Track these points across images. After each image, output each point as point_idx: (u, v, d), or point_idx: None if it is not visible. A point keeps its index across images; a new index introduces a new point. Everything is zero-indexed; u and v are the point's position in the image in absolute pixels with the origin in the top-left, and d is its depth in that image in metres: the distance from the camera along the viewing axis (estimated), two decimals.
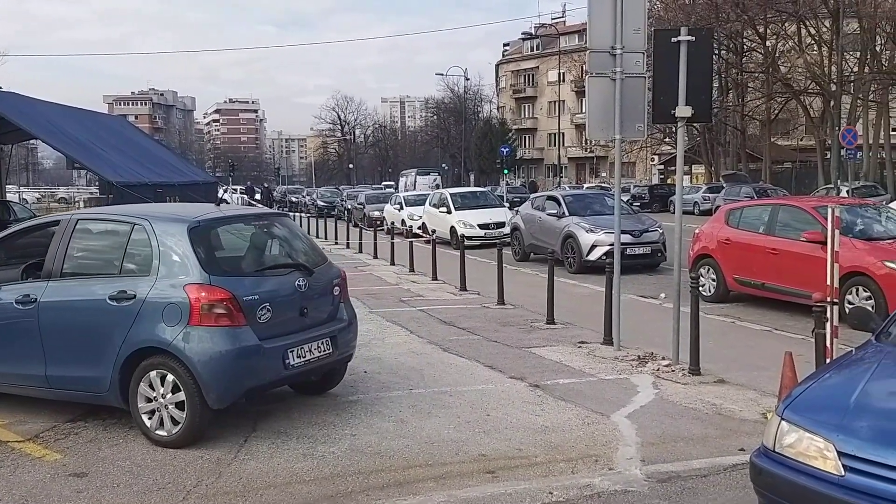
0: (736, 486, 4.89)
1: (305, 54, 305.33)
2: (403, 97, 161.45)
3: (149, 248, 5.88)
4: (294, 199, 54.04)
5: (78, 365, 5.97)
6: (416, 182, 44.69)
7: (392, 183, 60.61)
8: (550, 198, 18.79)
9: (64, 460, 5.51)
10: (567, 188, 52.06)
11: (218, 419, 5.97)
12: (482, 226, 21.97)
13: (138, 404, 5.79)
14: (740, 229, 11.83)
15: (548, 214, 17.56)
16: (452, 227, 22.09)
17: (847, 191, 29.81)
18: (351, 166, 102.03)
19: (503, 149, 51.82)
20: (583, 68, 59.75)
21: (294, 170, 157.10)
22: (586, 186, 54.34)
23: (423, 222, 24.01)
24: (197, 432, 5.71)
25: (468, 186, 49.42)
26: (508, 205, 27.96)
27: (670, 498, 4.77)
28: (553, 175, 75.07)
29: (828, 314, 6.06)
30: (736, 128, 46.52)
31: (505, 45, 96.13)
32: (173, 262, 5.78)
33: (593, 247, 15.74)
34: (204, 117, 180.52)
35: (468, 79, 78.19)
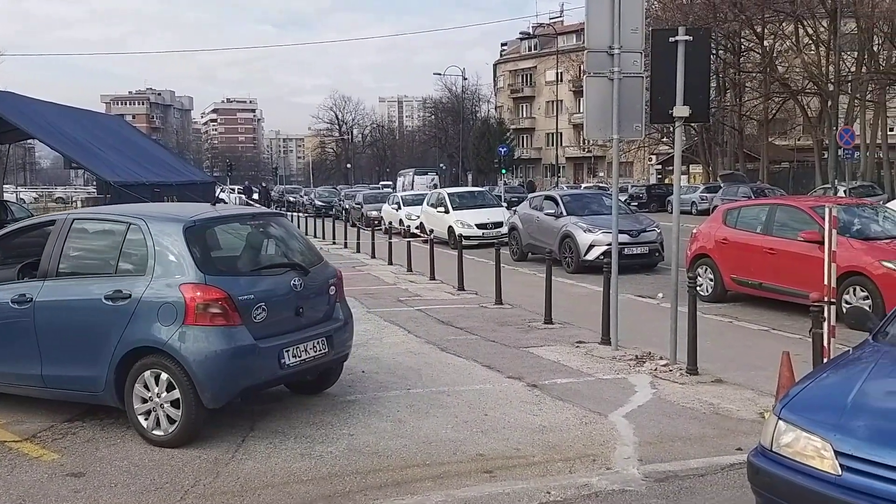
0: (733, 486, 4.90)
1: (303, 54, 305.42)
2: (401, 97, 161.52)
3: (144, 248, 5.88)
4: (292, 199, 54.08)
5: (73, 364, 5.97)
6: (414, 182, 44.75)
7: (390, 183, 60.58)
8: (548, 197, 18.79)
9: (61, 460, 5.50)
10: (565, 188, 52.17)
11: (215, 419, 5.97)
12: (480, 225, 21.95)
13: (134, 405, 5.79)
14: (738, 229, 11.84)
15: (546, 214, 17.55)
16: (450, 227, 22.08)
17: (844, 190, 29.84)
18: (349, 166, 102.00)
19: (501, 149, 51.92)
20: (581, 68, 59.75)
21: (292, 169, 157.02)
22: (584, 186, 54.40)
23: (421, 222, 24.00)
24: (193, 430, 5.71)
25: (466, 186, 49.41)
26: (506, 204, 28.01)
27: (668, 497, 4.78)
28: (551, 175, 75.15)
29: (825, 314, 6.07)
30: (733, 127, 46.57)
31: (503, 45, 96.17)
32: (169, 262, 5.78)
33: (591, 246, 15.76)
34: (201, 117, 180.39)
35: (466, 78, 78.17)
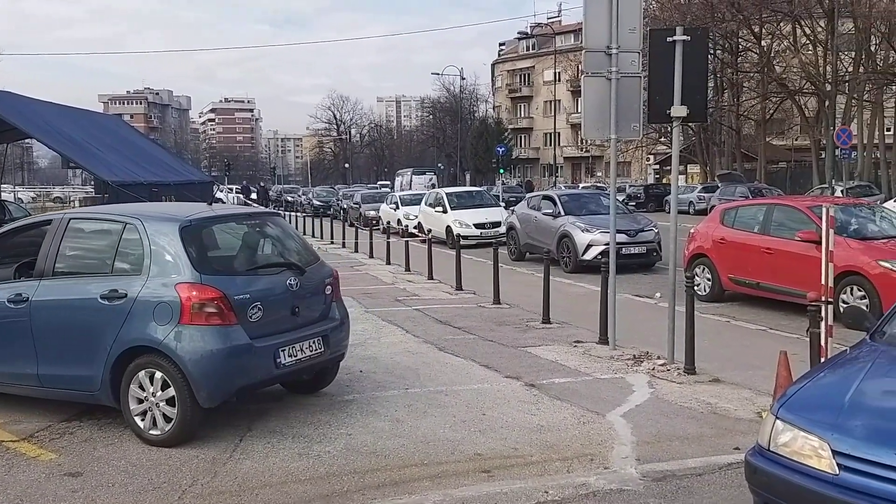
0: (731, 485, 4.90)
1: (301, 53, 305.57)
2: (399, 97, 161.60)
3: (140, 248, 5.87)
4: (290, 199, 54.04)
5: (69, 364, 5.96)
6: (412, 181, 44.73)
7: (388, 182, 60.58)
8: (546, 197, 18.79)
9: (59, 460, 5.50)
10: (563, 188, 52.16)
11: (213, 419, 5.97)
12: (478, 225, 21.95)
13: (130, 406, 5.78)
14: (735, 229, 11.85)
15: (543, 214, 17.56)
16: (448, 227, 22.07)
17: (842, 190, 29.87)
18: (347, 166, 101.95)
19: (499, 148, 51.93)
20: (578, 68, 59.77)
21: (290, 169, 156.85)
22: (582, 186, 54.41)
23: (419, 222, 24.00)
24: (189, 429, 5.70)
25: (464, 186, 49.41)
26: (504, 204, 27.99)
27: (665, 497, 4.78)
28: (549, 174, 75.17)
29: (822, 313, 6.08)
30: (731, 127, 46.60)
31: (501, 45, 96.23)
32: (165, 262, 5.77)
33: (589, 246, 15.76)
34: (199, 116, 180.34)
35: (464, 78, 78.28)
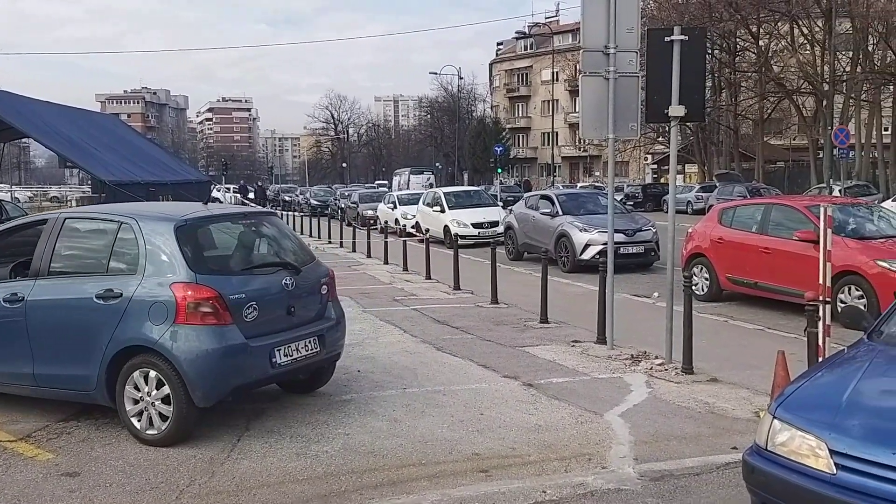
0: (728, 485, 4.91)
1: (299, 53, 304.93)
2: (397, 96, 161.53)
3: (136, 247, 5.87)
4: (287, 198, 53.96)
5: (65, 363, 5.96)
6: (410, 181, 44.71)
7: (385, 182, 60.55)
8: (544, 197, 18.77)
9: (56, 460, 5.49)
10: (561, 187, 52.18)
11: (211, 419, 5.96)
12: (476, 225, 21.95)
13: (126, 407, 5.78)
14: (733, 228, 11.86)
15: (541, 213, 17.55)
16: (446, 227, 22.06)
17: (839, 190, 29.91)
18: (344, 165, 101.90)
19: (497, 148, 51.94)
20: (576, 67, 59.83)
21: (287, 168, 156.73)
22: (580, 185, 54.41)
23: (417, 221, 24.00)
24: (185, 428, 5.70)
25: (462, 185, 49.42)
26: (502, 204, 27.99)
27: (663, 496, 4.78)
28: (547, 174, 75.25)
29: (820, 313, 6.08)
30: (729, 127, 46.65)
31: (498, 45, 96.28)
32: (160, 261, 5.77)
33: (587, 246, 15.76)
34: (197, 116, 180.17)
35: (462, 78, 78.39)
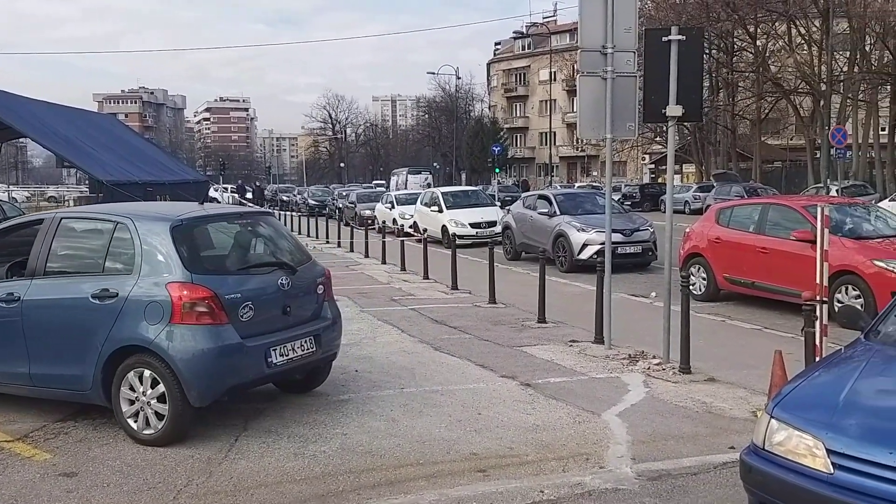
0: (726, 484, 4.91)
1: (297, 53, 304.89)
2: (395, 96, 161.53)
3: (132, 247, 5.87)
4: (285, 198, 53.96)
5: (61, 363, 5.96)
6: (408, 181, 44.76)
7: (383, 182, 60.57)
8: (542, 197, 18.77)
9: (53, 460, 5.48)
10: (558, 187, 52.23)
11: (208, 418, 5.96)
12: (474, 225, 21.95)
13: (122, 408, 5.78)
14: (731, 228, 11.87)
15: (539, 213, 17.56)
16: (444, 226, 22.05)
17: (837, 190, 29.91)
18: (342, 165, 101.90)
19: (494, 148, 51.85)
20: (574, 67, 59.86)
21: (285, 168, 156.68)
22: (577, 185, 54.44)
23: (415, 221, 24.00)
24: (181, 428, 5.70)
25: (459, 185, 49.45)
26: (500, 204, 28.00)
27: (661, 496, 4.78)
28: (544, 174, 75.29)
29: (817, 313, 6.09)
30: (726, 127, 46.67)
31: (496, 45, 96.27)
32: (156, 261, 5.77)
33: (584, 246, 15.76)
34: (194, 116, 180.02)
35: (459, 78, 78.29)
